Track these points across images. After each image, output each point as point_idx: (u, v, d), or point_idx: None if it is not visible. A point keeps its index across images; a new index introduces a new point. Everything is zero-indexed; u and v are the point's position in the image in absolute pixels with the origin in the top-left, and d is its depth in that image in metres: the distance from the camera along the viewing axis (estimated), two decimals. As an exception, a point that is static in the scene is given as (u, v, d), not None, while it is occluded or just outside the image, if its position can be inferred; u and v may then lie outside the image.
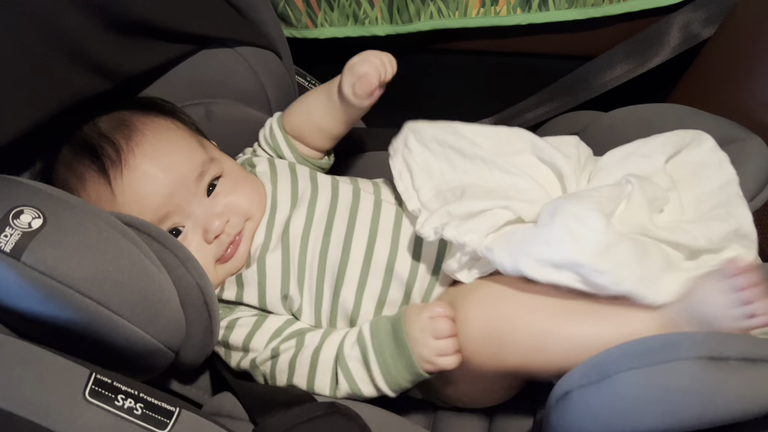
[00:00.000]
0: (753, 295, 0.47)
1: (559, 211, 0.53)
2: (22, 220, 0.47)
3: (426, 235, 0.58)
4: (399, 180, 0.64)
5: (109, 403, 0.45)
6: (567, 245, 0.51)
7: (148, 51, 0.68)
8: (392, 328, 0.58)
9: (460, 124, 0.65)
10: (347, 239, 0.63)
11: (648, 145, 0.62)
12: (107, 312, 0.48)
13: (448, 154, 0.63)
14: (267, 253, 0.63)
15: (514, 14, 0.96)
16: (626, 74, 0.94)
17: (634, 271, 0.50)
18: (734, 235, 0.57)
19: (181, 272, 0.57)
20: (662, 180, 0.59)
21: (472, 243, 0.56)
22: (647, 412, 0.45)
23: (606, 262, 0.50)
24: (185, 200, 0.63)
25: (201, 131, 0.71)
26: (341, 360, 0.59)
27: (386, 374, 0.57)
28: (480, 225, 0.57)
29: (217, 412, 0.57)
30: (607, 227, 0.51)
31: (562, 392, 0.49)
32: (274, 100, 0.79)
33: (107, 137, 0.62)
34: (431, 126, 0.65)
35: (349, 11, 0.98)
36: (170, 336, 0.53)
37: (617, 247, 0.51)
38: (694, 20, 0.91)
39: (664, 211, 0.59)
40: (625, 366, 0.46)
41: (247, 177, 0.68)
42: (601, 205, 0.53)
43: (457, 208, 0.58)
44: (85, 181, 0.62)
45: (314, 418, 0.52)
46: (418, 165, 0.63)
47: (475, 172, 0.62)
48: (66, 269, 0.47)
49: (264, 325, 0.62)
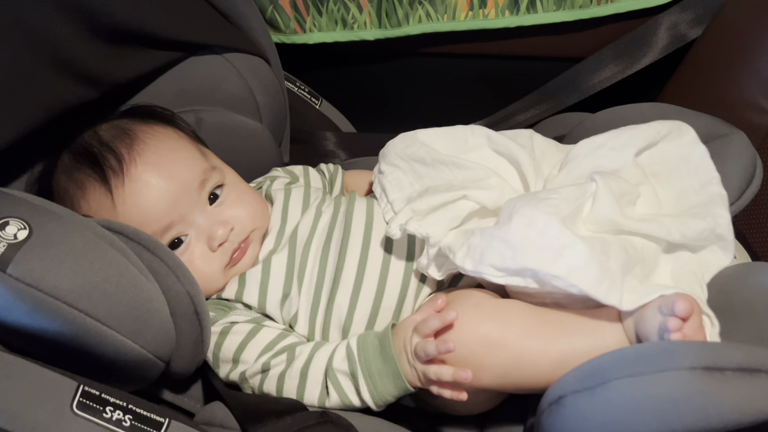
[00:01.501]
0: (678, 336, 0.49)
1: (515, 215, 0.54)
2: (7, 232, 0.47)
3: (392, 233, 0.60)
4: (380, 200, 0.67)
5: (97, 415, 0.45)
6: (521, 252, 0.52)
7: (135, 59, 0.68)
8: (379, 343, 0.58)
9: (420, 131, 0.69)
10: (343, 245, 0.63)
11: (620, 137, 0.62)
12: (95, 323, 0.48)
13: (414, 166, 0.66)
14: (273, 254, 0.64)
15: (502, 17, 0.96)
16: (615, 76, 0.95)
17: (591, 273, 0.50)
18: (710, 234, 0.57)
19: (171, 281, 0.56)
20: (631, 174, 0.60)
21: (435, 235, 0.58)
22: (640, 420, 0.45)
23: (559, 267, 0.51)
24: (188, 209, 0.62)
25: (200, 139, 0.71)
26: (330, 373, 0.58)
27: (372, 389, 0.57)
28: (441, 217, 0.59)
29: (209, 422, 0.57)
30: (561, 231, 0.52)
31: (555, 397, 0.49)
32: (264, 106, 0.79)
33: (108, 146, 0.62)
34: (392, 146, 0.68)
35: (337, 16, 0.98)
36: (159, 346, 0.53)
37: (570, 250, 0.51)
38: (682, 21, 0.92)
39: (637, 205, 0.60)
40: (619, 373, 0.46)
41: (250, 189, 0.69)
42: (558, 208, 0.54)
43: (419, 204, 0.60)
44: (86, 190, 0.62)
45: (306, 427, 0.51)
46: (390, 183, 0.66)
47: (438, 175, 0.65)
48: (53, 280, 0.46)
49: (258, 336, 0.61)
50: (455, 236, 0.58)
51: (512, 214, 0.54)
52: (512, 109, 1.01)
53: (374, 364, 0.57)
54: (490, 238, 0.54)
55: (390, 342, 0.57)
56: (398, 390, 0.57)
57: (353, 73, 1.08)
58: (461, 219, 0.59)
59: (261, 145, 0.79)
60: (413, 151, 0.66)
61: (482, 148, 0.67)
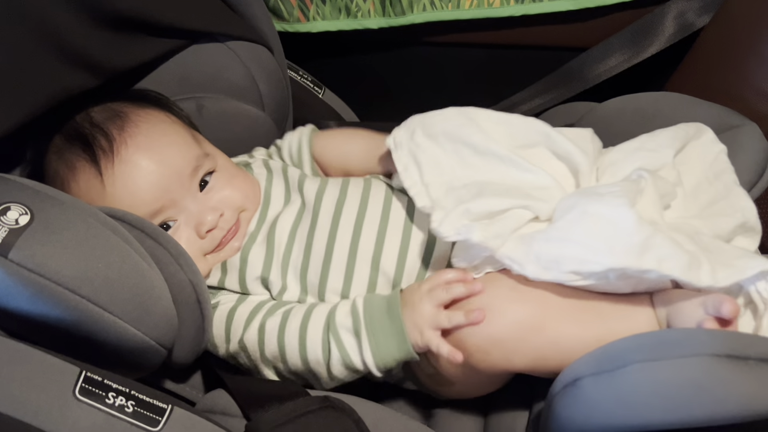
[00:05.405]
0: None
1: (585, 215, 0.51)
2: (8, 217, 0.46)
3: (445, 234, 0.56)
4: (405, 173, 0.61)
5: (100, 401, 0.45)
6: (603, 253, 0.50)
7: (137, 46, 0.68)
8: (387, 303, 0.57)
9: (476, 110, 0.62)
10: (332, 233, 0.62)
11: (655, 139, 0.61)
12: (97, 309, 0.48)
13: (460, 150, 0.60)
14: (252, 245, 0.63)
15: (507, 5, 0.95)
16: (621, 64, 0.94)
17: (681, 259, 0.49)
18: (741, 228, 0.57)
19: (174, 269, 0.56)
20: (670, 174, 0.59)
21: (496, 247, 0.54)
22: (659, 405, 0.44)
23: (648, 260, 0.49)
24: (179, 195, 0.62)
25: (194, 125, 0.71)
26: (332, 328, 0.58)
27: (375, 348, 0.56)
28: (503, 228, 0.55)
29: (211, 409, 0.57)
30: (639, 222, 0.50)
31: (570, 379, 0.49)
32: (266, 94, 0.78)
33: (100, 127, 0.62)
34: (441, 118, 0.62)
35: (341, 4, 0.97)
36: (162, 333, 0.52)
37: (653, 240, 0.49)
38: (689, 9, 0.91)
39: (670, 207, 0.59)
40: (640, 357, 0.45)
41: (241, 172, 0.68)
42: (628, 198, 0.52)
43: (476, 206, 0.56)
44: (76, 171, 0.61)
45: (308, 412, 0.51)
46: (427, 159, 0.60)
47: (490, 168, 0.59)
48: (55, 266, 0.46)
49: (248, 299, 0.62)
50: (512, 244, 0.55)
51: (582, 213, 0.51)
52: (517, 99, 1.00)
53: (379, 323, 0.56)
54: (561, 243, 0.52)
55: (398, 302, 0.56)
56: (401, 353, 0.56)
57: (356, 62, 1.08)
58: (517, 228, 0.56)
59: (263, 133, 0.78)
60: (468, 134, 0.60)
61: (539, 147, 0.61)
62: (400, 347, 0.56)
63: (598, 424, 0.47)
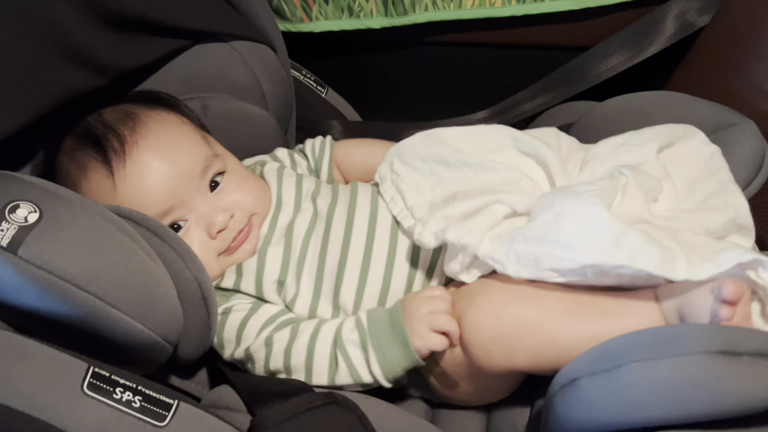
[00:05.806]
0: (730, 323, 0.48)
1: (561, 214, 0.52)
2: (18, 215, 0.47)
3: (426, 242, 0.58)
4: (392, 204, 0.64)
5: (108, 396, 0.45)
6: (578, 250, 0.51)
7: (141, 46, 0.68)
8: (389, 316, 0.58)
9: (441, 130, 0.66)
10: (345, 240, 0.63)
11: (640, 135, 0.62)
12: (104, 305, 0.48)
13: (434, 168, 0.64)
14: (269, 246, 0.64)
15: (509, 5, 0.96)
16: (622, 64, 0.94)
17: (653, 254, 0.49)
18: (732, 224, 0.57)
19: (179, 266, 0.57)
20: (654, 169, 0.59)
21: (474, 243, 0.56)
22: (656, 403, 0.45)
23: (621, 256, 0.49)
24: (189, 195, 0.63)
25: (204, 126, 0.72)
26: (340, 344, 0.59)
27: (381, 359, 0.57)
28: (478, 224, 0.56)
29: (216, 405, 0.57)
30: (612, 219, 0.51)
31: (568, 379, 0.49)
32: (270, 94, 0.79)
33: (111, 128, 0.62)
34: (410, 145, 0.65)
35: (344, 4, 0.97)
36: (168, 329, 0.53)
37: (626, 236, 0.50)
38: (690, 9, 0.91)
39: (659, 201, 0.59)
40: (636, 356, 0.45)
41: (251, 175, 0.69)
42: (602, 197, 0.53)
43: (452, 210, 0.58)
44: (87, 171, 0.62)
45: (312, 408, 0.52)
46: (408, 187, 0.64)
47: (462, 178, 0.62)
48: (63, 263, 0.47)
49: (260, 311, 0.62)
50: (492, 243, 0.56)
51: (558, 213, 0.53)
52: (518, 98, 1.01)
53: (383, 335, 0.57)
54: (539, 242, 0.53)
55: (400, 314, 0.57)
56: (406, 360, 0.57)
57: (359, 62, 1.08)
58: (495, 224, 0.58)
59: (267, 132, 0.79)
60: (436, 151, 0.63)
61: (507, 149, 0.64)
62: (405, 354, 0.57)
63: (599, 422, 0.48)
